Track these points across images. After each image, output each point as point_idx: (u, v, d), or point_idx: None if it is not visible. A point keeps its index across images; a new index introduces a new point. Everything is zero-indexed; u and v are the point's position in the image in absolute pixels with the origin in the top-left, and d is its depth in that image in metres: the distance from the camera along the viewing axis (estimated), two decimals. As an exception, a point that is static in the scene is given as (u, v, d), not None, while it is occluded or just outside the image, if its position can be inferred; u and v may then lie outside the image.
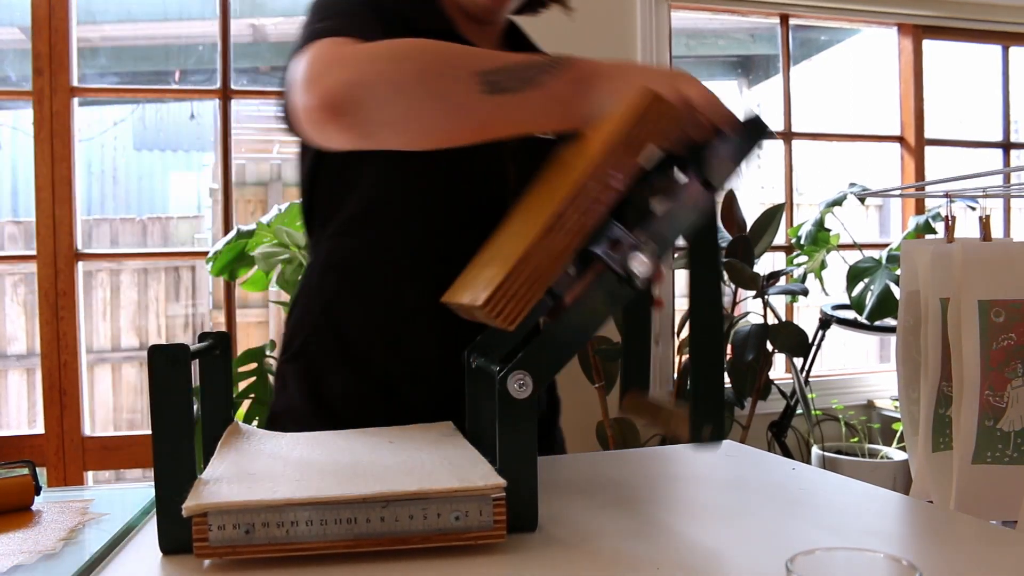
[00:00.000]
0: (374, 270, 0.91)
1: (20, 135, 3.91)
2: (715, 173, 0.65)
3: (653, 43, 2.42)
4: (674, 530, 0.64)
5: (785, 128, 2.75)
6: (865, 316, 2.24)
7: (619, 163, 0.62)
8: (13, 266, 3.42)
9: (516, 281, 0.59)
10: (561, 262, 0.60)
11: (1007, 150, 3.05)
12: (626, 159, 0.62)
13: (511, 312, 0.59)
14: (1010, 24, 2.88)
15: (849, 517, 0.67)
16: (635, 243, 0.62)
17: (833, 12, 2.74)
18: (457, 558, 0.57)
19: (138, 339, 3.80)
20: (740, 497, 0.74)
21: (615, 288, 0.62)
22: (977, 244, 1.52)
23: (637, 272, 0.62)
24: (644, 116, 0.63)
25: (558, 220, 0.60)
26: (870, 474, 2.35)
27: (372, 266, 0.91)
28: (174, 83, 3.76)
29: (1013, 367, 1.45)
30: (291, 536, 0.55)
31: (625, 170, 0.62)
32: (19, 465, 0.73)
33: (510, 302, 0.59)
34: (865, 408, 2.78)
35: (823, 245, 2.46)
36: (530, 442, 0.61)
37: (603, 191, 0.61)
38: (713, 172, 0.65)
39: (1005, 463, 1.46)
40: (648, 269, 0.62)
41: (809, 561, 0.43)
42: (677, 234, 0.65)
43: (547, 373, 0.61)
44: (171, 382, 0.58)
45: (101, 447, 2.18)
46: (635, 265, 0.62)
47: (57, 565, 0.56)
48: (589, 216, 0.61)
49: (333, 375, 0.91)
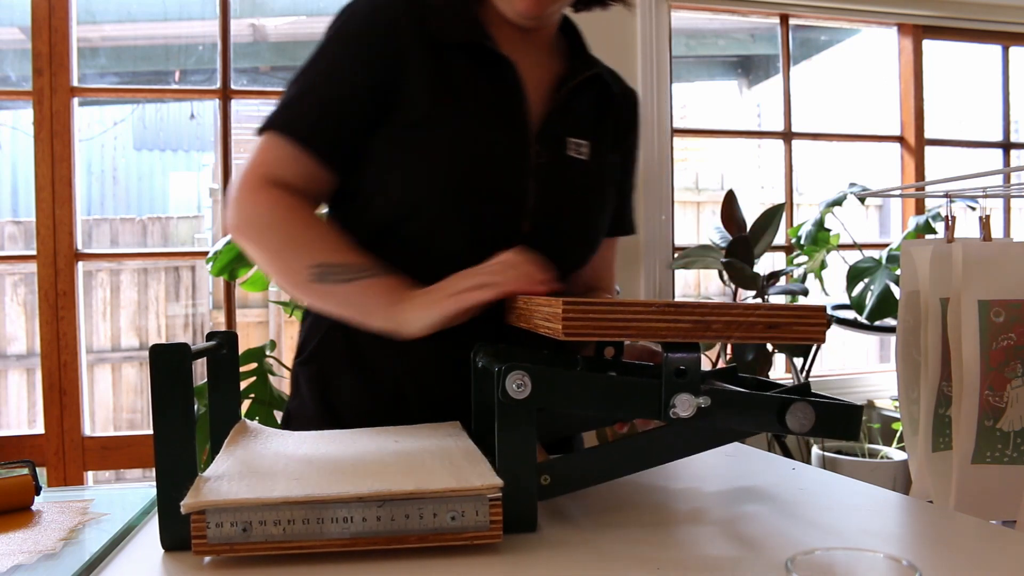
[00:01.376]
0: None
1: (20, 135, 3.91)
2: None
3: (653, 43, 2.42)
4: (674, 530, 0.64)
5: (785, 128, 2.75)
6: (865, 316, 2.24)
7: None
8: (13, 266, 3.42)
9: (605, 312, 0.59)
10: (661, 336, 0.60)
11: (1007, 150, 3.05)
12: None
13: (576, 328, 0.59)
14: (1010, 24, 2.88)
15: (849, 517, 0.67)
16: (700, 397, 0.63)
17: (833, 12, 2.74)
18: (455, 558, 0.57)
19: (138, 339, 3.80)
20: (740, 497, 0.74)
21: (650, 404, 0.63)
22: (977, 244, 1.52)
23: (679, 411, 0.62)
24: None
25: (710, 312, 0.61)
26: (870, 474, 2.35)
27: None
28: (174, 83, 3.76)
29: (1013, 367, 1.45)
30: (288, 535, 0.55)
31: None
32: (19, 465, 0.73)
33: (584, 322, 0.59)
34: (865, 408, 2.78)
35: (823, 245, 2.46)
36: (529, 442, 0.61)
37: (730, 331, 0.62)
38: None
39: (1005, 463, 1.46)
40: (684, 412, 0.63)
41: (809, 561, 0.43)
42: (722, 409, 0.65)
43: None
44: (172, 381, 0.58)
45: (101, 447, 2.18)
46: (680, 405, 0.62)
47: (57, 565, 0.56)
48: (729, 332, 0.61)
49: (342, 379, 0.92)
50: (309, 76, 0.88)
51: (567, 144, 0.92)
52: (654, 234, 2.45)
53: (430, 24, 0.87)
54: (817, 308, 0.63)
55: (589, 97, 0.96)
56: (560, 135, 0.92)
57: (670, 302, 0.60)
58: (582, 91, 0.95)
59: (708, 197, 3.94)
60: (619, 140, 1.02)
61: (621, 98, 1.02)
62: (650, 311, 0.59)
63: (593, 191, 0.95)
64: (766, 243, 2.28)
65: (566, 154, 0.92)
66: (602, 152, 0.97)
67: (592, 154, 0.94)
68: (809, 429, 0.65)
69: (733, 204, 2.33)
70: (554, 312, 0.60)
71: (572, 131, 0.93)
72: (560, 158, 0.92)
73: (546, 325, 0.63)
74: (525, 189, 0.88)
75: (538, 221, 0.89)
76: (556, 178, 0.91)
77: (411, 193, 0.85)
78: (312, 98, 0.87)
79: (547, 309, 0.63)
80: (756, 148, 3.87)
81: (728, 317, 0.61)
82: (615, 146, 1.01)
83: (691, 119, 3.44)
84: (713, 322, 0.60)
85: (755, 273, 2.20)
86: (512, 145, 0.88)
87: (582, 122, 0.95)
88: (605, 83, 0.98)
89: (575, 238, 0.95)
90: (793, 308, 0.63)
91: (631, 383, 0.63)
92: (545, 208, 0.89)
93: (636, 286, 2.45)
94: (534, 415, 0.61)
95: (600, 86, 0.97)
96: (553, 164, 0.91)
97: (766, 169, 3.15)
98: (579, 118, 0.95)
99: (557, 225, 0.91)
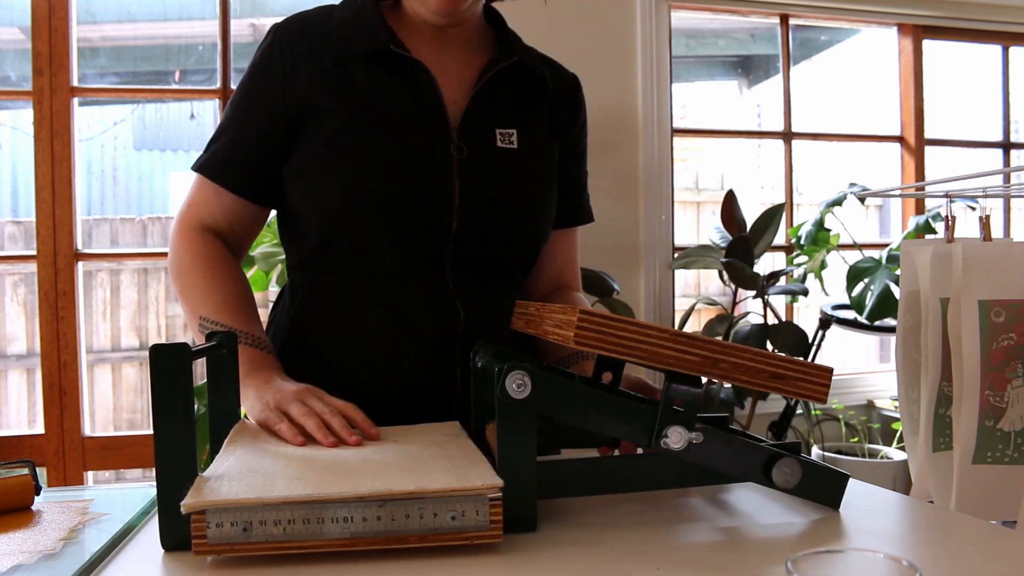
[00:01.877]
0: (334, 297, 0.92)
1: (20, 135, 3.91)
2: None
3: (653, 43, 2.42)
4: (674, 530, 0.64)
5: (785, 128, 2.75)
6: (865, 316, 2.24)
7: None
8: (13, 266, 3.42)
9: (618, 329, 0.59)
10: (668, 365, 0.60)
11: (1007, 150, 3.05)
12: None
13: (587, 339, 0.59)
14: (1010, 24, 2.88)
15: (849, 517, 0.67)
16: (692, 433, 0.63)
17: (833, 12, 2.74)
18: (454, 558, 0.57)
19: (138, 339, 3.80)
20: (740, 497, 0.74)
21: (643, 429, 0.63)
22: (977, 244, 1.52)
23: (669, 442, 0.63)
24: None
25: (720, 351, 0.61)
26: (870, 474, 2.35)
27: (332, 294, 0.92)
28: (174, 83, 3.76)
29: (1013, 367, 1.45)
30: (288, 534, 0.55)
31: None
32: (19, 465, 0.73)
33: (596, 334, 0.59)
34: (865, 408, 2.78)
35: (823, 245, 2.46)
36: (529, 442, 0.61)
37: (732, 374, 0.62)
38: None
39: (1006, 463, 1.46)
40: (675, 445, 0.63)
41: (809, 561, 0.43)
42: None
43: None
44: (172, 381, 0.58)
45: (101, 447, 2.18)
46: (671, 436, 0.63)
47: (57, 565, 0.56)
48: (735, 374, 0.61)
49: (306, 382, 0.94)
50: (226, 115, 0.95)
51: (495, 136, 0.92)
52: (654, 234, 2.45)
53: (335, 40, 0.91)
54: (825, 369, 0.64)
55: (515, 86, 0.95)
56: (485, 127, 0.92)
57: (684, 333, 0.61)
58: (505, 81, 0.94)
59: (708, 197, 3.94)
60: (562, 127, 1.01)
61: (558, 83, 1.01)
62: (663, 337, 0.60)
63: (526, 180, 0.94)
64: (766, 243, 2.28)
65: (496, 146, 0.92)
66: (536, 139, 0.96)
67: (523, 142, 0.94)
68: (793, 487, 0.66)
69: (733, 204, 2.33)
70: (567, 320, 0.60)
71: (499, 122, 0.93)
72: (487, 151, 0.91)
73: (556, 331, 0.63)
74: (450, 188, 0.89)
75: (466, 218, 0.89)
76: (482, 172, 0.91)
77: (337, 207, 0.88)
78: (225, 137, 0.93)
79: (560, 316, 0.63)
80: (756, 148, 3.87)
81: (736, 359, 0.61)
82: (556, 133, 1.00)
83: (691, 119, 3.44)
84: (721, 361, 0.61)
85: (755, 273, 2.20)
86: (430, 145, 0.89)
87: (510, 111, 0.95)
88: (528, 69, 0.96)
89: (511, 229, 0.94)
90: (801, 364, 0.63)
91: (629, 403, 0.63)
92: (472, 204, 0.89)
93: (636, 286, 2.45)
94: (534, 415, 0.61)
95: (524, 73, 0.96)
96: (478, 158, 0.90)
97: (766, 169, 3.15)
98: (506, 108, 0.94)
99: (488, 219, 0.91)
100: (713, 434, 0.64)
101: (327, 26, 0.92)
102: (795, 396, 0.63)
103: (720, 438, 0.64)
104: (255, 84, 0.93)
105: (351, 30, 0.91)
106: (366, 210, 0.87)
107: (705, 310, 3.20)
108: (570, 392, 0.61)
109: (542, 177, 0.97)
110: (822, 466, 0.67)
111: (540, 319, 0.71)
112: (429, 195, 0.88)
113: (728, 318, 2.26)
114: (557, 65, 1.04)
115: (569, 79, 1.04)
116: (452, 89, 0.93)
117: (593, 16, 2.37)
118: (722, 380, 0.62)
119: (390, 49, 0.89)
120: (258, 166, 0.92)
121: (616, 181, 2.38)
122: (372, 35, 0.90)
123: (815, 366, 0.64)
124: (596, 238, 2.33)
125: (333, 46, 0.90)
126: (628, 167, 2.41)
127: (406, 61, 0.90)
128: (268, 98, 0.91)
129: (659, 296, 2.47)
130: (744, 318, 2.29)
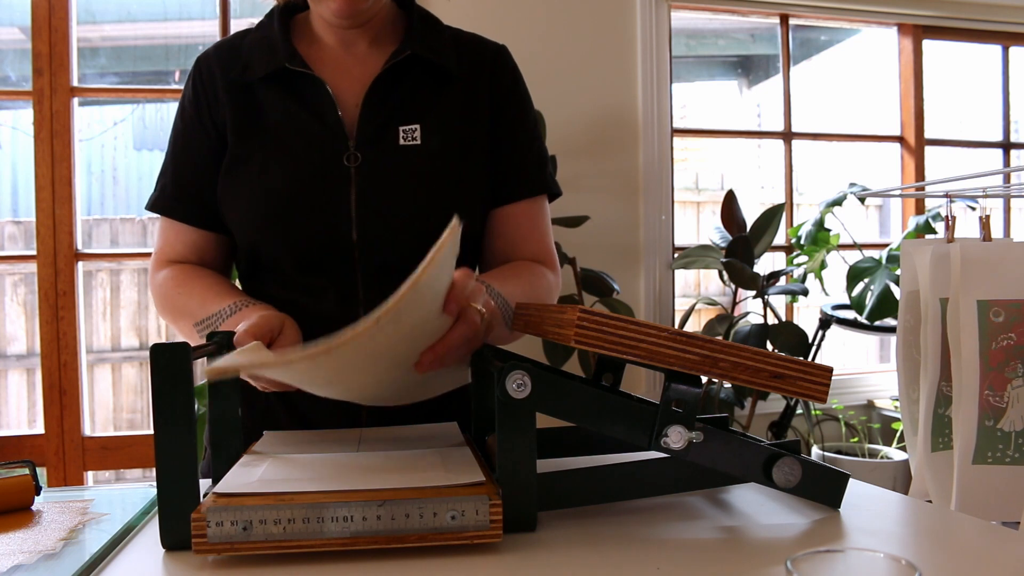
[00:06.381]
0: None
1: (20, 135, 3.91)
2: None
3: (653, 43, 2.42)
4: (674, 530, 0.64)
5: (785, 128, 2.75)
6: (865, 316, 2.24)
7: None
8: (13, 266, 3.42)
9: (618, 328, 0.59)
10: (668, 364, 0.60)
11: (1007, 150, 3.05)
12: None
13: (587, 338, 0.59)
14: (1010, 24, 2.89)
15: (849, 517, 0.67)
16: (692, 432, 0.63)
17: (833, 12, 2.75)
18: (454, 558, 0.57)
19: (138, 339, 3.80)
20: (740, 497, 0.74)
21: (642, 428, 0.63)
22: (977, 244, 1.52)
23: (669, 441, 0.62)
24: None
25: (720, 350, 0.61)
26: (870, 474, 2.35)
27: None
28: (174, 83, 3.76)
29: (1013, 367, 1.45)
30: (288, 534, 0.55)
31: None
32: (19, 465, 0.73)
33: (595, 333, 0.59)
34: (865, 408, 2.78)
35: (823, 245, 2.46)
36: (529, 442, 0.61)
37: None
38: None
39: (1006, 463, 1.46)
40: (675, 444, 0.63)
41: (809, 561, 0.43)
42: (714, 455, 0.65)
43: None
44: (172, 381, 0.58)
45: (101, 447, 2.18)
46: (671, 436, 0.62)
47: (57, 565, 0.56)
48: (734, 373, 0.61)
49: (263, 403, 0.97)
50: (167, 150, 0.98)
51: (398, 134, 0.91)
52: (654, 234, 2.45)
53: (236, 69, 0.93)
54: (825, 368, 0.64)
55: (415, 78, 0.93)
56: (384, 128, 0.91)
57: (684, 332, 0.60)
58: (406, 74, 0.93)
59: (708, 197, 3.94)
60: (484, 103, 0.97)
61: (472, 62, 0.97)
62: (662, 336, 0.59)
63: (431, 175, 0.91)
64: (766, 243, 2.29)
65: (398, 145, 0.91)
66: (445, 128, 0.93)
67: (428, 135, 0.92)
68: (793, 487, 0.66)
69: (733, 204, 2.33)
70: (567, 319, 0.60)
71: (402, 118, 0.92)
72: (385, 154, 0.90)
73: (556, 331, 0.62)
74: (346, 199, 0.89)
75: (364, 226, 0.89)
76: (378, 176, 0.90)
77: (246, 228, 0.92)
78: (169, 173, 0.96)
79: (560, 315, 0.63)
80: (756, 148, 3.87)
81: (736, 358, 0.61)
82: (475, 113, 0.96)
83: (691, 119, 3.44)
84: (721, 360, 0.61)
85: (755, 273, 2.20)
86: (323, 159, 0.90)
87: (412, 105, 0.93)
88: (426, 60, 0.93)
89: (415, 231, 0.90)
90: (801, 363, 0.63)
91: (628, 403, 0.63)
92: (370, 212, 0.89)
93: (636, 286, 2.45)
94: (534, 415, 0.61)
95: (426, 63, 0.93)
96: (375, 163, 0.90)
97: (766, 169, 3.15)
98: (409, 102, 0.93)
99: (386, 225, 0.90)
100: (713, 434, 0.64)
101: (239, 51, 0.95)
102: (795, 395, 0.63)
103: (720, 438, 0.64)
104: (185, 115, 0.96)
105: (256, 53, 0.93)
106: (268, 230, 0.90)
107: (705, 310, 3.20)
108: (570, 392, 0.61)
109: (453, 168, 0.93)
110: (822, 466, 0.67)
111: (540, 319, 0.71)
112: (323, 209, 0.89)
113: (728, 318, 2.26)
114: (474, 42, 1.00)
115: (488, 52, 0.99)
116: (353, 93, 0.92)
117: (593, 16, 2.37)
118: (722, 379, 0.62)
119: (287, 67, 0.90)
120: (207, 193, 0.94)
121: (616, 181, 2.38)
122: (271, 56, 0.92)
123: (815, 365, 0.64)
124: (596, 238, 2.33)
125: (235, 75, 0.93)
126: (628, 167, 2.41)
127: (302, 77, 0.91)
128: (199, 126, 0.94)
129: (659, 296, 2.47)
130: (744, 318, 2.29)
